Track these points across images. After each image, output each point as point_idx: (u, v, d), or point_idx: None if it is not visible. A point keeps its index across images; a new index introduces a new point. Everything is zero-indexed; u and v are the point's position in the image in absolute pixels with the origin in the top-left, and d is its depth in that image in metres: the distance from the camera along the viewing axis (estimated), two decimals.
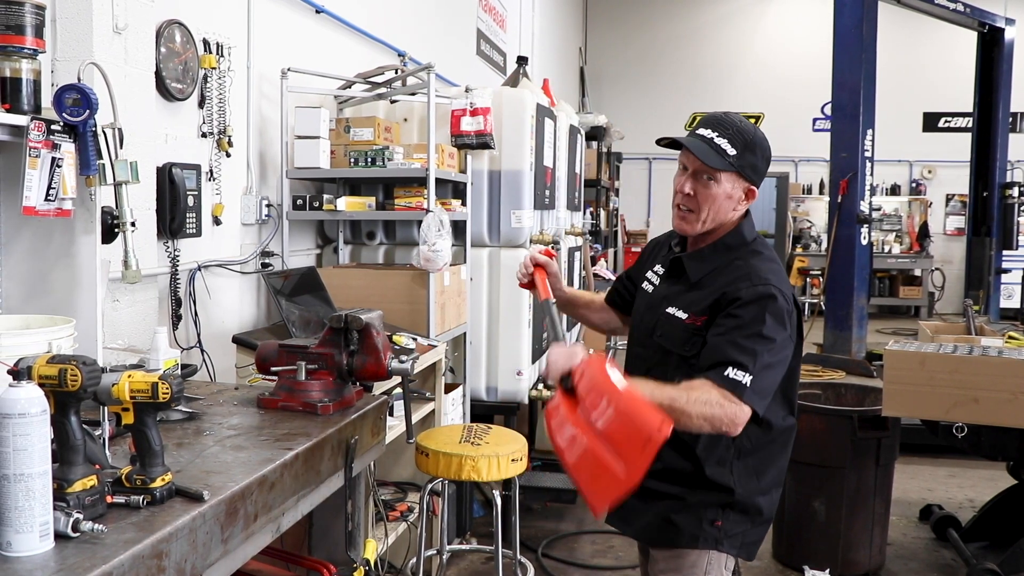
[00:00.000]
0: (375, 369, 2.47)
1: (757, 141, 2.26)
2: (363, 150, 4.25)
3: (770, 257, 2.28)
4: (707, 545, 2.26)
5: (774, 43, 15.56)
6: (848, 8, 9.21)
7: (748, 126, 2.28)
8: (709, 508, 2.26)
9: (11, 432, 1.44)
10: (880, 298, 14.24)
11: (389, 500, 4.00)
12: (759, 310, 2.12)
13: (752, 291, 2.15)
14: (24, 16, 2.23)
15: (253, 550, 1.90)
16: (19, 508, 1.44)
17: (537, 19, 11.02)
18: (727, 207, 2.27)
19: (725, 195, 2.25)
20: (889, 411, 4.16)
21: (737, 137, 2.24)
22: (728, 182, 2.25)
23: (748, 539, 2.31)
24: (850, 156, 9.37)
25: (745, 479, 2.26)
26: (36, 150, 2.22)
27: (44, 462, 1.47)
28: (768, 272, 2.20)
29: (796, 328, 2.21)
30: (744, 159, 2.24)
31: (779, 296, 2.14)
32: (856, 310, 9.42)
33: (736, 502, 2.25)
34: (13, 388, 1.46)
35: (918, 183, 15.40)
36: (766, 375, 2.08)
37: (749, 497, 2.26)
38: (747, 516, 2.28)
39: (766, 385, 2.09)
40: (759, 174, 2.28)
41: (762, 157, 2.27)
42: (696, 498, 2.26)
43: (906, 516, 5.23)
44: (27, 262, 2.52)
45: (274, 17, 4.41)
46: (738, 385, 2.03)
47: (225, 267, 3.96)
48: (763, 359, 2.07)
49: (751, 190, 2.28)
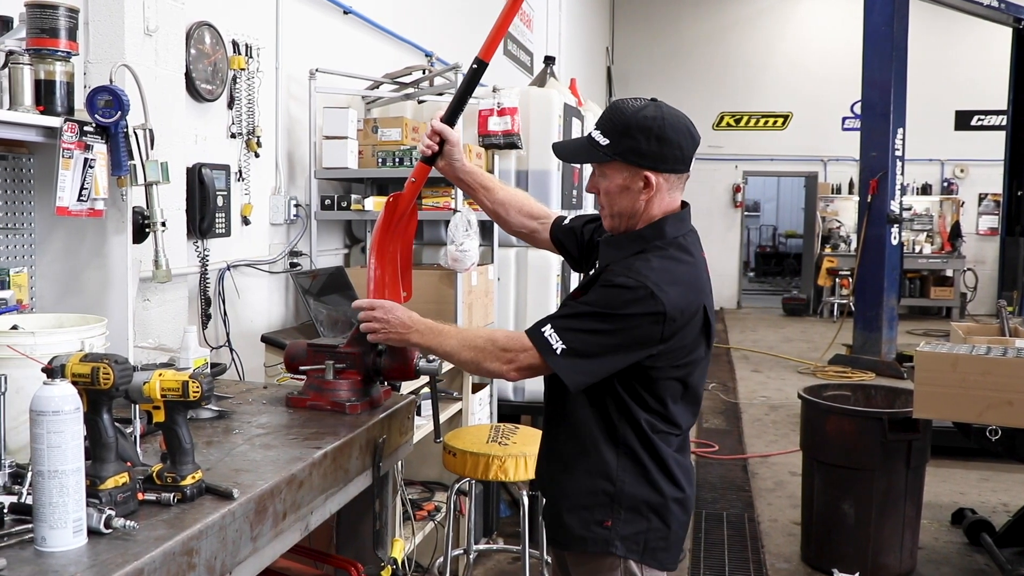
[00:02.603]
0: (403, 369, 2.47)
1: (635, 123, 2.07)
2: (391, 150, 4.27)
3: (674, 257, 2.11)
4: (597, 548, 2.15)
5: (803, 41, 15.45)
6: (878, 5, 9.14)
7: (628, 110, 2.10)
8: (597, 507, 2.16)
9: (45, 429, 1.46)
10: (911, 299, 14.11)
11: (416, 499, 4.01)
12: (610, 294, 2.04)
13: (618, 278, 2.05)
14: (58, 20, 2.26)
15: (282, 548, 1.91)
16: (53, 504, 1.46)
17: (564, 19, 11.01)
18: (628, 198, 2.12)
19: (619, 187, 2.12)
20: (920, 413, 4.11)
21: (609, 125, 2.11)
22: (616, 173, 2.12)
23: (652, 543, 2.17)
24: (880, 155, 9.29)
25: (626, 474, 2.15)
26: (69, 151, 2.25)
27: (77, 459, 1.48)
28: (650, 270, 2.04)
29: (664, 334, 2.03)
30: (620, 145, 2.09)
31: (645, 294, 2.01)
32: (886, 311, 9.34)
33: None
34: (47, 386, 1.48)
35: (950, 182, 15.22)
36: (586, 349, 2.04)
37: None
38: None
39: (584, 355, 2.04)
40: (648, 157, 2.08)
41: (648, 138, 2.07)
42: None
43: (938, 520, 5.17)
44: (60, 262, 2.55)
45: (302, 18, 4.44)
46: (545, 344, 2.04)
47: (254, 267, 3.98)
48: (584, 337, 2.04)
49: (648, 177, 2.09)
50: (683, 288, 2.06)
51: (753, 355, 10.87)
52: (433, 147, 2.45)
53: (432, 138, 2.44)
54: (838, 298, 13.92)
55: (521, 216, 2.60)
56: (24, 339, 1.97)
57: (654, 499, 2.14)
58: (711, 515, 5.25)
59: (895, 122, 9.19)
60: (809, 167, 15.70)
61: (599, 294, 2.07)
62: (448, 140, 2.45)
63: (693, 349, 2.12)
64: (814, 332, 12.69)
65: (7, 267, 2.43)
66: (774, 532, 5.03)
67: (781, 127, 15.63)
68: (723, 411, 7.96)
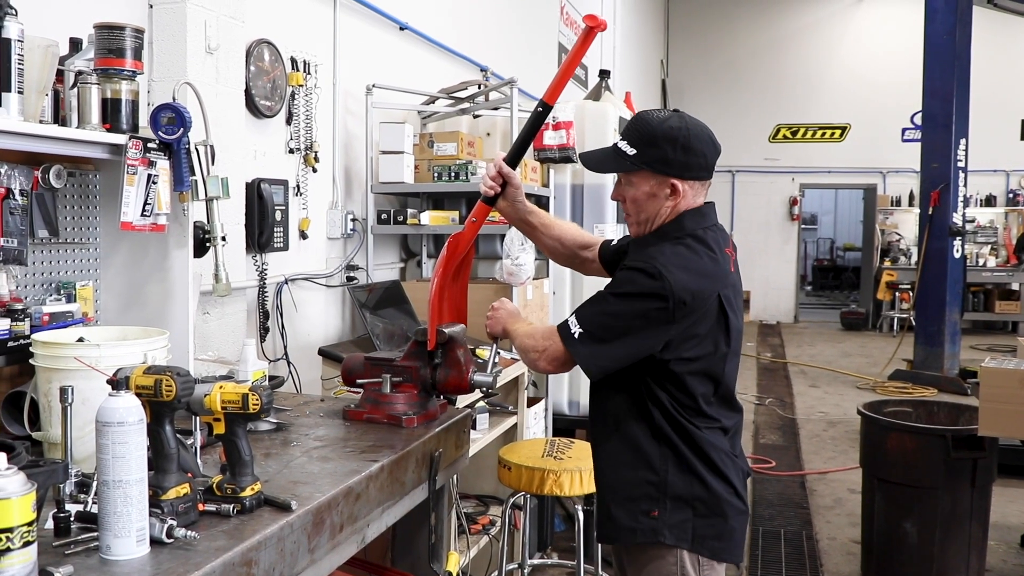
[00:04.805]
0: (458, 382, 2.48)
1: (661, 133, 2.16)
2: (446, 164, 4.29)
3: (688, 246, 2.18)
4: (646, 539, 2.20)
5: (860, 52, 15.22)
6: (940, 14, 8.96)
7: (654, 121, 2.19)
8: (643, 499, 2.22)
9: (110, 440, 1.48)
10: (974, 313, 13.75)
11: (471, 513, 4.01)
12: (622, 277, 2.17)
13: (631, 263, 2.18)
14: (124, 40, 2.31)
15: (339, 560, 1.93)
16: (117, 513, 1.48)
17: (619, 32, 10.99)
18: (655, 205, 2.22)
19: (646, 195, 2.21)
20: (986, 431, 4.01)
21: (635, 135, 2.21)
22: (643, 181, 2.21)
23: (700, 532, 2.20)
24: (942, 166, 9.10)
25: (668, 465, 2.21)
26: (133, 167, 2.30)
27: (141, 469, 1.51)
28: (660, 254, 2.13)
29: (675, 316, 2.08)
30: (647, 154, 2.18)
31: (653, 274, 2.08)
32: (948, 325, 9.14)
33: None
34: (112, 398, 1.51)
35: (1016, 193, 14.84)
36: (604, 335, 2.13)
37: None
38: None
39: (601, 341, 2.13)
40: (675, 165, 2.17)
41: (675, 147, 2.16)
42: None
43: (1006, 542, 5.03)
44: (123, 275, 2.60)
45: (359, 34, 4.49)
46: (567, 331, 2.16)
47: (311, 280, 4.03)
48: (602, 321, 2.14)
49: (674, 184, 2.18)
50: (693, 274, 2.12)
51: (811, 370, 10.70)
52: (496, 188, 2.47)
53: (496, 180, 2.46)
54: (898, 312, 13.65)
55: (575, 248, 2.67)
56: (90, 351, 2.01)
57: (698, 489, 2.19)
58: (768, 532, 5.16)
59: (957, 132, 9.00)
60: (867, 179, 15.44)
61: (614, 280, 2.22)
62: (511, 183, 2.47)
63: (711, 340, 2.16)
64: (873, 347, 12.45)
65: (74, 280, 2.49)
66: (833, 551, 4.93)
67: (839, 139, 15.40)
68: (780, 427, 7.84)
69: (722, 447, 2.23)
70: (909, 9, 13.12)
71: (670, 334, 2.10)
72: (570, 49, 2.43)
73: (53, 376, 2.02)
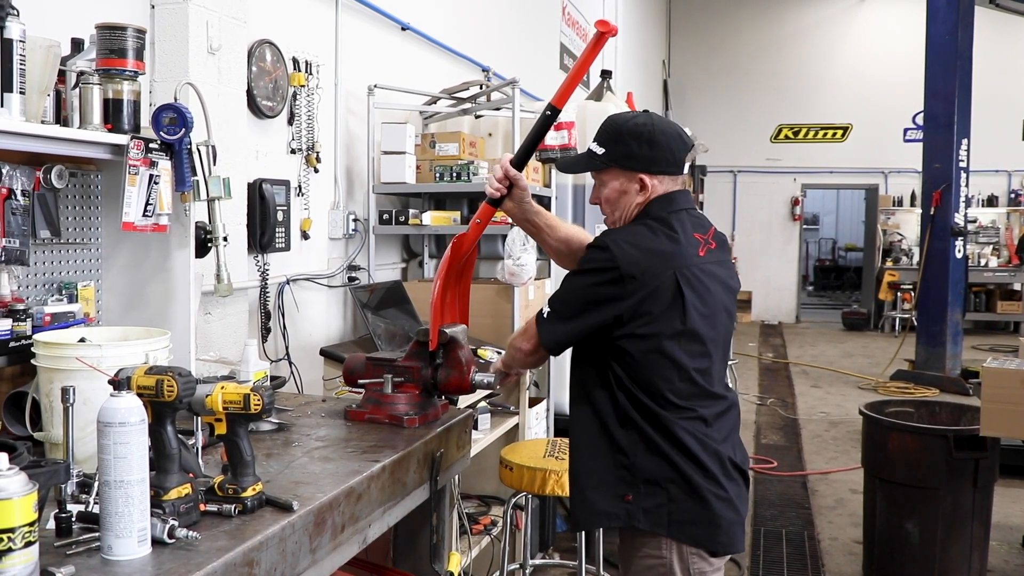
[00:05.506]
0: (459, 383, 2.48)
1: (627, 130, 2.25)
2: (448, 165, 4.29)
3: (648, 226, 2.22)
4: (621, 522, 2.23)
5: (862, 52, 15.20)
6: (942, 14, 8.94)
7: (620, 120, 2.29)
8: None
9: (112, 440, 1.48)
10: (976, 313, 13.74)
11: (473, 513, 4.01)
12: (583, 257, 2.25)
13: (590, 243, 2.28)
14: (126, 40, 2.31)
15: (340, 560, 1.93)
16: (119, 514, 1.48)
17: (620, 33, 10.99)
18: (626, 201, 2.29)
19: (617, 192, 2.29)
20: (988, 431, 4.00)
21: (604, 135, 2.30)
22: (612, 178, 2.29)
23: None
24: (944, 167, 9.09)
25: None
26: (135, 168, 2.30)
27: (142, 470, 1.51)
28: (616, 233, 2.24)
29: (624, 290, 2.12)
30: (615, 151, 2.26)
31: (602, 247, 2.18)
32: (950, 325, 9.13)
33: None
34: (114, 398, 1.51)
35: (1018, 193, 14.82)
36: (562, 310, 2.24)
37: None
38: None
39: (561, 317, 2.24)
40: (641, 160, 2.24)
41: (640, 142, 2.23)
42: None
43: (1008, 542, 5.02)
44: (125, 276, 2.60)
45: (361, 35, 4.49)
46: (540, 315, 2.28)
47: (313, 281, 4.03)
48: (561, 297, 2.26)
49: (643, 179, 2.25)
50: (643, 251, 2.16)
51: (812, 370, 10.69)
52: (502, 190, 2.46)
53: (502, 181, 2.46)
54: (900, 312, 13.65)
55: (580, 249, 2.64)
56: (91, 351, 2.01)
57: (667, 471, 2.19)
58: (770, 532, 5.16)
59: (959, 133, 8.99)
60: (869, 179, 15.43)
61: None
62: (518, 185, 2.46)
63: (665, 320, 2.16)
64: (875, 347, 12.44)
65: (75, 281, 2.49)
66: (835, 551, 4.93)
67: (840, 139, 15.39)
68: (782, 427, 7.83)
69: (695, 431, 2.20)
70: (911, 9, 13.10)
71: (620, 309, 2.15)
72: (579, 55, 2.44)
73: (55, 376, 2.02)
